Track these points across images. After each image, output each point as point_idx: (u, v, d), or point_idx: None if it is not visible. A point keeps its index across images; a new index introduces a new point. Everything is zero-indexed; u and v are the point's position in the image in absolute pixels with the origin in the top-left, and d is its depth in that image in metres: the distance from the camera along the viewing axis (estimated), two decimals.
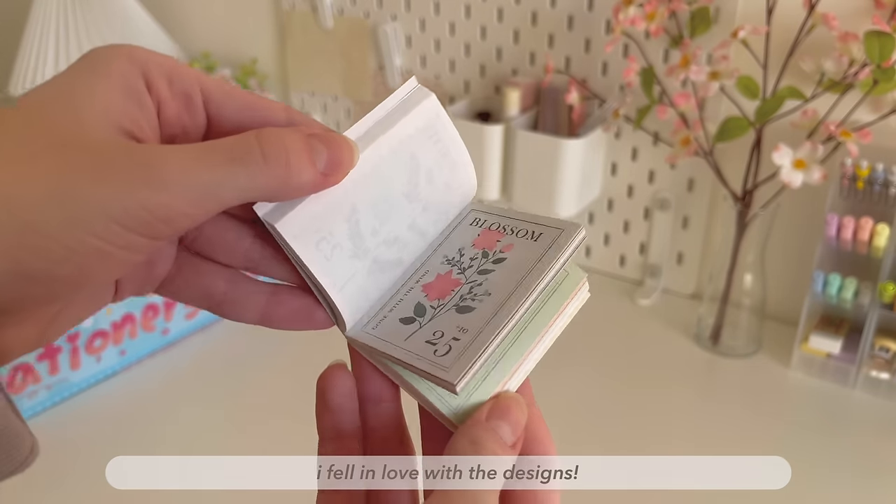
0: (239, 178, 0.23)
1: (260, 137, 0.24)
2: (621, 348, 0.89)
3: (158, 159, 0.22)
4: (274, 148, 0.24)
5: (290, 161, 0.24)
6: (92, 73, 0.24)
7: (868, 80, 0.72)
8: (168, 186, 0.22)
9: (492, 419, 0.26)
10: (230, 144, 0.24)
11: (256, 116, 0.27)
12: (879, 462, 0.72)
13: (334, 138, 0.26)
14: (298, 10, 1.16)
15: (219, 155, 0.23)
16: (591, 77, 0.95)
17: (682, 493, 0.68)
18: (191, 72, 0.26)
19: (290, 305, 0.29)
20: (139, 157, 0.22)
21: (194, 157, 0.23)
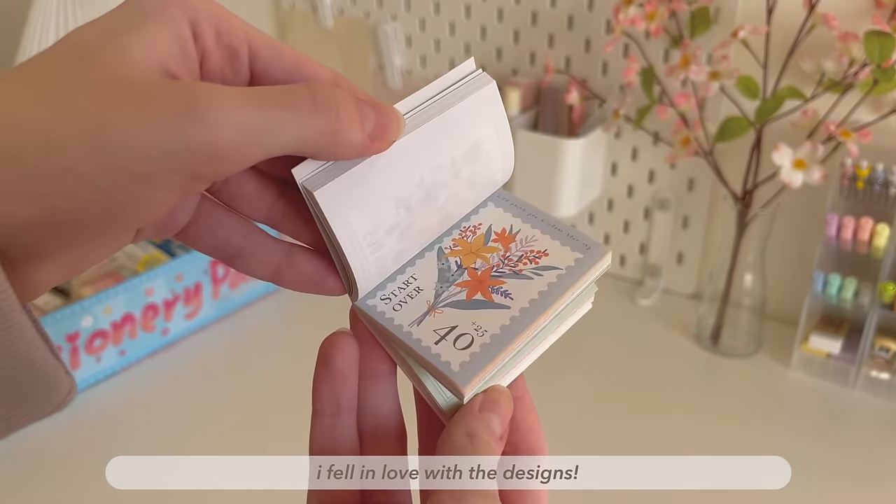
0: (288, 125, 0.23)
1: (312, 88, 0.23)
2: (621, 348, 0.89)
3: (205, 97, 0.21)
4: (326, 100, 0.23)
5: (340, 115, 0.24)
6: (141, 16, 0.23)
7: (868, 80, 0.72)
8: (214, 124, 0.21)
9: (484, 411, 0.27)
10: (281, 90, 0.23)
11: (304, 78, 0.26)
12: (879, 462, 0.72)
13: (383, 105, 0.26)
14: (298, 10, 1.16)
15: (269, 98, 0.22)
16: (591, 77, 0.95)
17: (683, 493, 0.68)
18: (240, 26, 0.25)
19: (302, 268, 0.29)
20: (184, 94, 0.21)
21: (243, 98, 0.22)
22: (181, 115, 0.21)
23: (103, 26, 0.23)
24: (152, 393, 0.82)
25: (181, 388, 0.83)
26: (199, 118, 0.21)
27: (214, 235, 0.28)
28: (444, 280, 0.30)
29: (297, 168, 0.25)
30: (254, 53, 0.26)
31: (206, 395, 0.82)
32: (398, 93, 1.12)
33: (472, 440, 0.26)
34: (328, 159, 0.26)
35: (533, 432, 0.30)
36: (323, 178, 0.26)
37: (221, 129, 0.21)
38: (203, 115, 0.21)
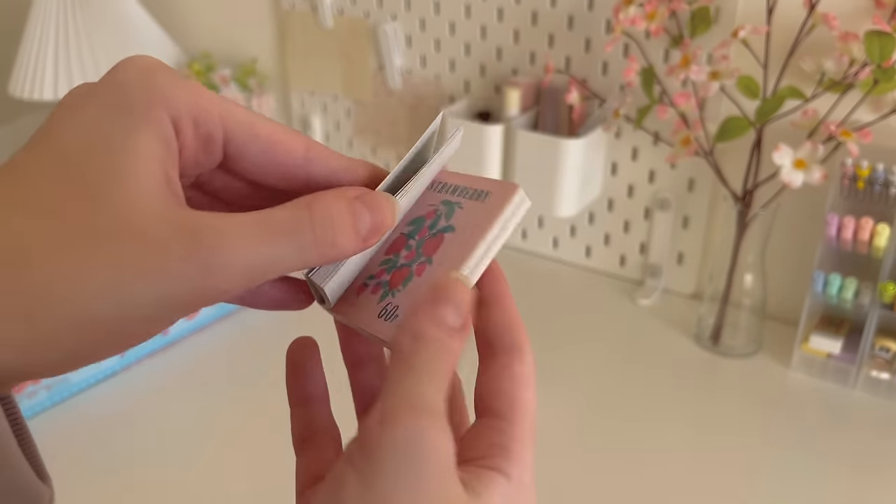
0: (291, 258, 0.24)
1: (312, 212, 0.24)
2: (621, 348, 0.89)
3: (214, 241, 0.22)
4: (323, 225, 0.24)
5: (336, 241, 0.25)
6: (130, 122, 0.23)
7: (868, 80, 0.72)
8: (226, 273, 0.22)
9: (431, 305, 0.24)
10: (284, 221, 0.24)
11: (278, 160, 0.27)
12: (879, 462, 0.72)
13: (377, 202, 0.26)
14: (298, 10, 1.16)
15: (274, 233, 0.23)
16: (591, 77, 0.95)
17: (682, 493, 0.68)
18: (215, 109, 0.25)
19: (270, 295, 0.30)
20: (195, 238, 0.22)
21: (250, 233, 0.23)
22: (193, 264, 0.22)
23: (90, 136, 0.23)
24: (152, 393, 0.82)
25: (181, 388, 0.83)
26: (210, 268, 0.22)
27: None
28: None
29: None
30: (228, 136, 0.26)
31: (206, 395, 0.82)
32: (398, 93, 1.12)
33: (415, 343, 0.23)
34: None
35: (509, 331, 0.27)
36: (326, 273, 0.30)
37: (232, 274, 0.22)
38: (215, 264, 0.22)
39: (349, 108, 1.19)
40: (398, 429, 0.21)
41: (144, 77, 0.24)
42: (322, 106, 1.22)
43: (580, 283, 1.03)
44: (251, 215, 0.23)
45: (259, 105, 1.23)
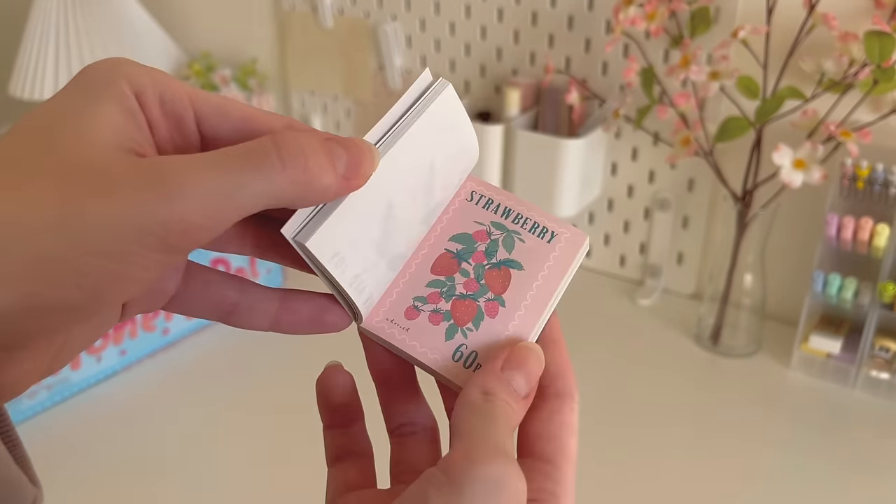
0: (257, 184, 0.22)
1: (276, 141, 0.23)
2: (621, 348, 0.89)
3: (170, 170, 0.22)
4: (291, 151, 0.23)
5: (308, 164, 0.23)
6: (93, 95, 0.23)
7: (868, 80, 0.72)
8: (183, 197, 0.21)
9: (506, 370, 0.26)
10: (245, 149, 0.23)
11: (255, 133, 0.26)
12: (879, 461, 0.72)
13: (353, 142, 0.25)
14: (298, 11, 1.16)
15: (233, 161, 0.22)
16: (591, 77, 0.95)
17: (682, 493, 0.68)
18: (182, 91, 0.25)
19: (301, 312, 0.29)
20: (149, 170, 0.22)
21: (208, 165, 0.22)
22: (148, 190, 0.21)
23: (56, 109, 0.23)
24: (152, 393, 0.82)
25: (181, 388, 0.83)
26: (166, 192, 0.21)
27: (209, 295, 0.29)
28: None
29: (284, 228, 0.26)
30: (199, 116, 0.25)
31: (206, 395, 0.82)
32: (398, 93, 1.12)
33: (487, 398, 0.25)
34: (304, 206, 0.25)
35: (561, 377, 0.29)
36: (310, 229, 0.26)
37: (190, 199, 0.21)
38: (170, 188, 0.21)
39: (349, 109, 1.19)
40: (488, 467, 0.22)
41: (109, 65, 0.24)
42: (322, 106, 1.22)
43: (580, 283, 1.02)
44: (210, 152, 0.23)
45: (259, 105, 1.23)
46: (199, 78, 1.22)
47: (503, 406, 0.25)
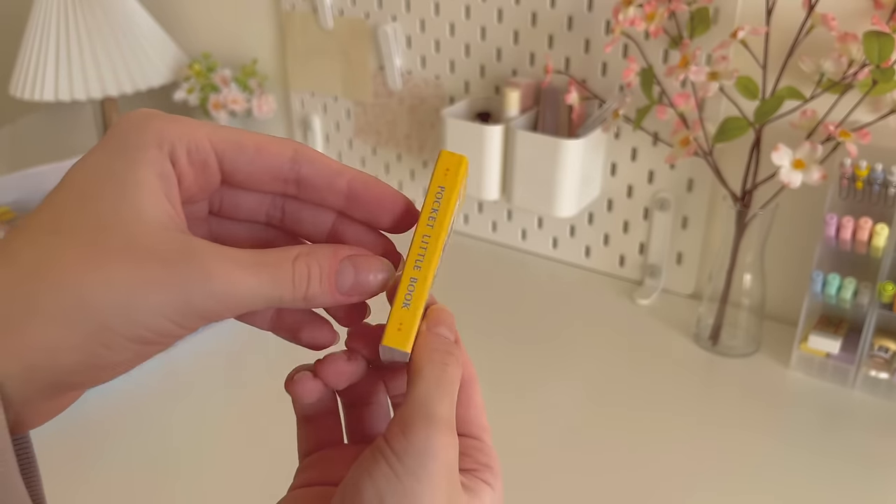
0: (272, 294, 0.27)
1: (296, 263, 0.28)
2: (621, 348, 0.89)
3: (213, 267, 0.26)
4: (300, 274, 0.28)
5: (308, 293, 0.28)
6: (132, 162, 0.27)
7: (867, 81, 0.72)
8: (216, 295, 0.26)
9: (431, 328, 0.30)
10: (273, 265, 0.27)
11: (267, 165, 0.29)
12: (878, 461, 0.72)
13: (367, 265, 0.29)
14: (298, 11, 1.16)
15: (263, 273, 0.27)
16: (590, 77, 0.95)
17: (682, 492, 0.68)
18: (203, 137, 0.28)
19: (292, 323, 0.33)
20: (196, 261, 0.26)
21: (237, 269, 0.26)
22: (193, 287, 0.25)
23: (100, 173, 0.26)
24: (152, 392, 0.82)
25: (181, 388, 0.83)
26: (205, 290, 0.26)
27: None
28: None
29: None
30: (220, 157, 0.29)
31: (206, 394, 0.83)
32: (398, 93, 1.12)
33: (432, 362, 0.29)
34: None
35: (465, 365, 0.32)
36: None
37: (221, 298, 0.26)
38: (209, 287, 0.26)
39: (349, 109, 1.19)
40: (415, 437, 0.26)
41: (139, 122, 0.27)
42: (322, 106, 1.22)
43: (580, 283, 1.03)
44: (244, 251, 0.27)
45: (259, 105, 1.23)
46: (200, 78, 1.22)
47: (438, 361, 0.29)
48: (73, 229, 0.25)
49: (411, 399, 0.28)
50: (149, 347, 0.26)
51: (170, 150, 0.27)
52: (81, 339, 0.24)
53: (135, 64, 1.20)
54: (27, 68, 1.17)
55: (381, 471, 0.26)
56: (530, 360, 0.86)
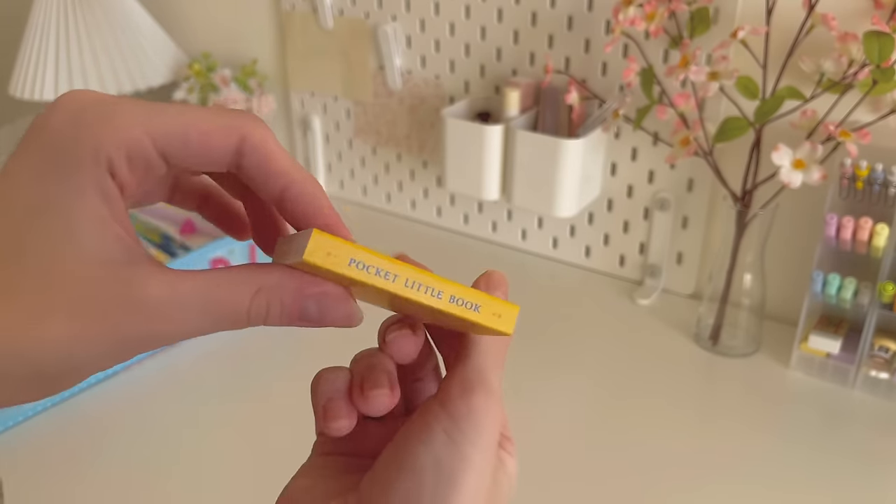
0: (217, 328, 0.26)
1: (255, 298, 0.26)
2: (621, 348, 0.89)
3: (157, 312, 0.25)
4: (259, 310, 0.27)
5: (264, 322, 0.27)
6: (69, 188, 0.25)
7: (867, 81, 0.72)
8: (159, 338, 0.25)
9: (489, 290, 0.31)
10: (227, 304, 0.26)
11: (211, 158, 0.27)
12: (878, 461, 0.72)
13: (333, 305, 0.28)
14: (298, 11, 1.16)
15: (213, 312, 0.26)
16: (590, 77, 0.95)
17: (681, 492, 0.68)
18: (144, 135, 0.25)
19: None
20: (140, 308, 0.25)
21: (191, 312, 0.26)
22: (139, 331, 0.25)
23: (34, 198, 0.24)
24: (152, 393, 0.82)
25: (181, 388, 0.83)
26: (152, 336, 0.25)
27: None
28: None
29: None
30: (163, 153, 0.26)
31: (207, 395, 0.82)
32: (398, 93, 1.12)
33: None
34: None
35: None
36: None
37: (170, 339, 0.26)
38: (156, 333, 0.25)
39: (349, 109, 1.19)
40: (475, 403, 0.27)
41: (69, 127, 0.25)
42: (322, 106, 1.22)
43: (580, 283, 1.03)
44: (197, 289, 0.26)
45: (259, 105, 1.23)
46: (199, 78, 1.22)
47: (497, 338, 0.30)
48: (13, 285, 0.24)
49: (471, 366, 0.28)
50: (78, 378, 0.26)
51: (108, 163, 0.25)
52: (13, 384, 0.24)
53: (134, 64, 1.20)
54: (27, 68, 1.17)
55: (438, 437, 0.27)
56: (530, 360, 0.86)
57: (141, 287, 0.25)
